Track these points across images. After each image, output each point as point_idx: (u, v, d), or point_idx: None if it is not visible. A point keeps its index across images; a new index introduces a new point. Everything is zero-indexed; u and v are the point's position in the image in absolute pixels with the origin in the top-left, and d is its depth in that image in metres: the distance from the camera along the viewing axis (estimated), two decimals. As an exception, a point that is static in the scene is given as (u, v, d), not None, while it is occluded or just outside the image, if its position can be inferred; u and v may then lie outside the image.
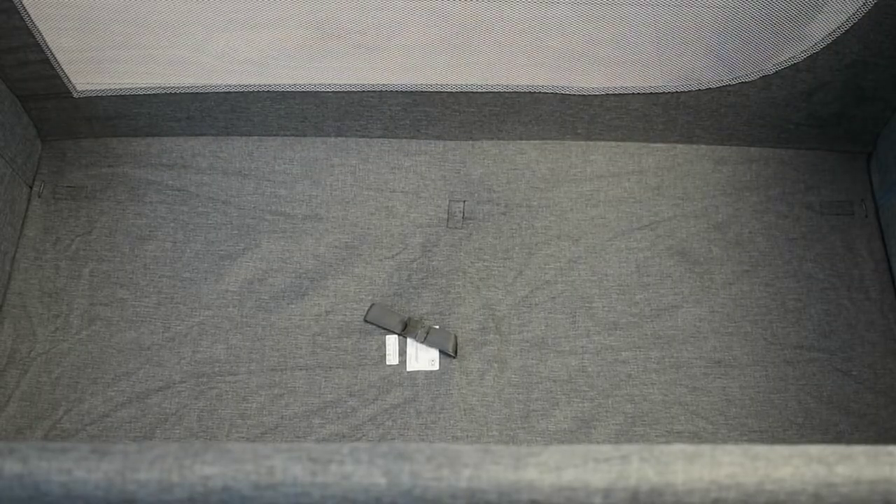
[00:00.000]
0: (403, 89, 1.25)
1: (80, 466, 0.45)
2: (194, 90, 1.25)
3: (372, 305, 1.21)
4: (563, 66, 1.22)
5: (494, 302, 1.21)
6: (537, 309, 1.20)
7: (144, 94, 1.26)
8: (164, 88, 1.26)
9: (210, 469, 0.44)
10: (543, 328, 1.19)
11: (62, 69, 1.22)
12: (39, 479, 0.44)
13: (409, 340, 1.19)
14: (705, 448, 0.45)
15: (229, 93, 1.25)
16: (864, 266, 1.23)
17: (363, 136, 1.32)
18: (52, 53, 1.18)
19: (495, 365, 1.17)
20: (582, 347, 1.18)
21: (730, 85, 1.20)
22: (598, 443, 1.13)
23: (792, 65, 1.16)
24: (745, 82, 1.19)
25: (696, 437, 1.13)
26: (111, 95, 1.26)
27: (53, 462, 0.45)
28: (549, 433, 1.13)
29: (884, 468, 0.44)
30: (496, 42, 1.25)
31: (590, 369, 1.17)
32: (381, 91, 1.25)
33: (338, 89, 1.25)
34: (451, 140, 1.32)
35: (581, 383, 1.16)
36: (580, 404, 1.15)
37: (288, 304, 1.21)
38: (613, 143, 1.31)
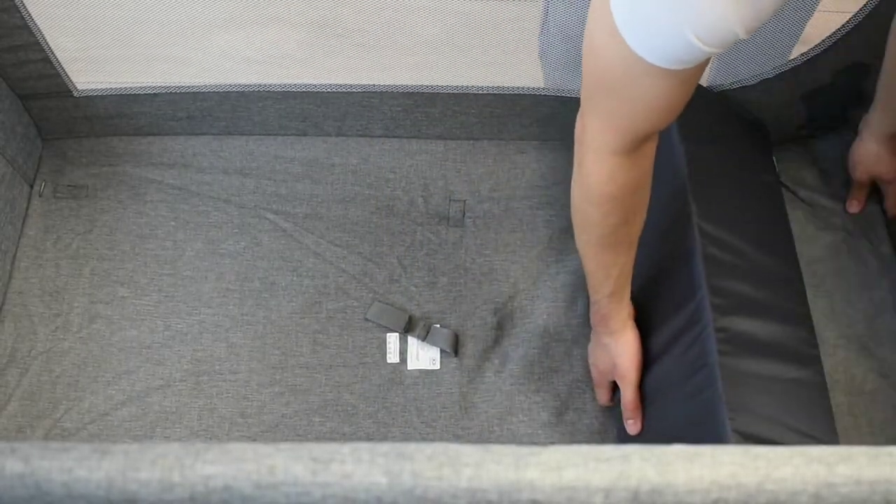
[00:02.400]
0: (404, 90, 1.25)
1: (81, 465, 0.45)
2: (195, 89, 1.26)
3: (373, 303, 1.21)
4: (565, 69, 1.22)
5: (496, 297, 1.21)
6: (539, 300, 1.21)
7: (145, 94, 1.26)
8: (164, 88, 1.26)
9: (211, 468, 0.44)
10: (545, 318, 1.19)
11: (62, 68, 1.22)
12: (41, 478, 0.45)
13: (409, 339, 1.19)
14: (706, 448, 0.45)
15: (230, 92, 1.25)
16: (863, 251, 1.22)
17: (364, 136, 1.32)
18: (52, 52, 1.18)
19: (496, 361, 1.17)
20: (585, 336, 1.18)
21: (730, 89, 1.20)
22: (601, 433, 1.14)
23: (792, 68, 1.16)
24: (746, 86, 1.19)
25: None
26: (112, 94, 1.26)
27: (55, 461, 0.45)
28: (551, 425, 1.13)
29: (884, 468, 0.44)
30: (497, 42, 1.25)
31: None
32: (381, 92, 1.25)
33: (339, 89, 1.25)
34: (451, 140, 1.32)
35: (583, 373, 1.16)
36: (582, 394, 1.15)
37: (288, 302, 1.21)
38: None
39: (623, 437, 1.08)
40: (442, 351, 1.18)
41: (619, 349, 1.03)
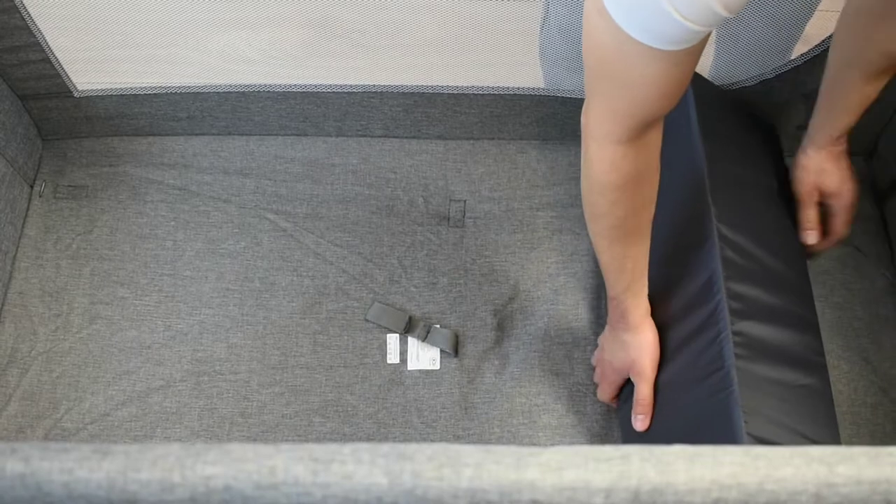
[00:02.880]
0: (404, 90, 1.25)
1: (82, 466, 0.45)
2: (195, 90, 1.25)
3: (373, 304, 1.21)
4: (564, 67, 1.22)
5: (497, 298, 1.21)
6: (540, 302, 1.21)
7: (145, 94, 1.26)
8: (164, 88, 1.26)
9: (212, 469, 0.44)
10: (546, 320, 1.19)
11: (63, 68, 1.22)
12: (41, 478, 0.45)
13: (409, 339, 1.19)
14: (706, 448, 0.45)
15: (230, 92, 1.25)
16: (869, 267, 1.23)
17: (364, 136, 1.32)
18: (52, 53, 1.18)
19: (496, 362, 1.17)
20: (585, 339, 1.18)
21: (729, 89, 1.20)
22: (601, 436, 1.14)
23: (792, 68, 1.16)
24: (746, 86, 1.19)
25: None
26: (112, 95, 1.26)
27: (55, 462, 0.45)
28: (551, 427, 1.13)
29: (884, 468, 0.44)
30: (497, 42, 1.26)
31: (592, 360, 1.17)
32: (381, 92, 1.25)
33: (338, 89, 1.25)
34: (451, 140, 1.32)
35: (584, 375, 1.16)
36: (583, 397, 1.15)
37: (289, 302, 1.21)
38: None
39: (628, 436, 1.08)
40: (442, 351, 1.18)
41: (638, 345, 1.01)
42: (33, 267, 1.23)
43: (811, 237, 1.08)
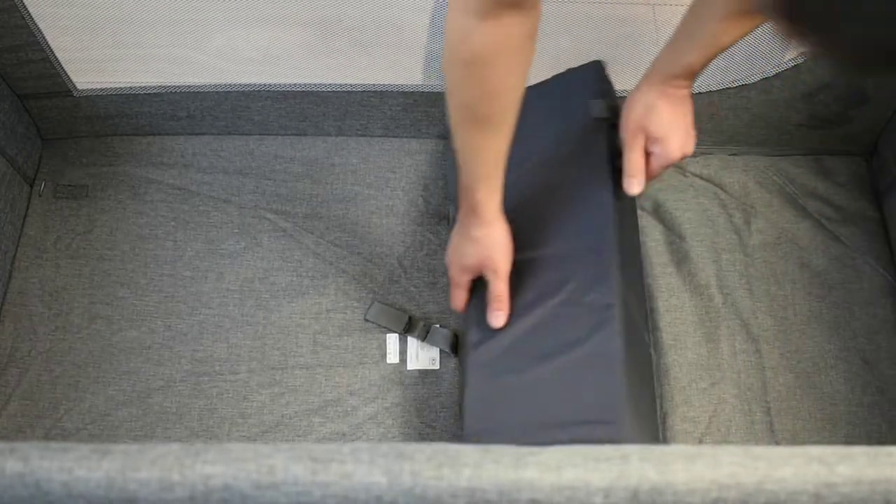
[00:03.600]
0: (404, 89, 1.25)
1: (81, 465, 0.45)
2: (195, 89, 1.25)
3: (372, 304, 1.21)
4: (567, 68, 1.22)
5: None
6: None
7: (145, 93, 1.26)
8: (164, 87, 1.26)
9: (211, 468, 0.44)
10: None
11: (62, 68, 1.22)
12: (41, 478, 0.45)
13: (409, 339, 1.19)
14: (706, 448, 0.45)
15: (230, 92, 1.25)
16: (868, 267, 1.23)
17: (364, 136, 1.32)
18: (52, 52, 1.18)
19: (496, 363, 1.17)
20: None
21: (730, 88, 1.20)
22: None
23: (792, 66, 1.16)
24: (746, 84, 1.19)
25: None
26: (111, 94, 1.26)
27: (55, 461, 0.45)
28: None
29: (884, 468, 0.44)
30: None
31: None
32: (381, 91, 1.25)
33: (338, 89, 1.25)
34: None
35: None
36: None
37: (289, 302, 1.21)
38: None
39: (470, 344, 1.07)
40: (442, 351, 1.18)
41: (489, 241, 0.98)
42: (33, 267, 1.23)
43: (633, 185, 0.98)
